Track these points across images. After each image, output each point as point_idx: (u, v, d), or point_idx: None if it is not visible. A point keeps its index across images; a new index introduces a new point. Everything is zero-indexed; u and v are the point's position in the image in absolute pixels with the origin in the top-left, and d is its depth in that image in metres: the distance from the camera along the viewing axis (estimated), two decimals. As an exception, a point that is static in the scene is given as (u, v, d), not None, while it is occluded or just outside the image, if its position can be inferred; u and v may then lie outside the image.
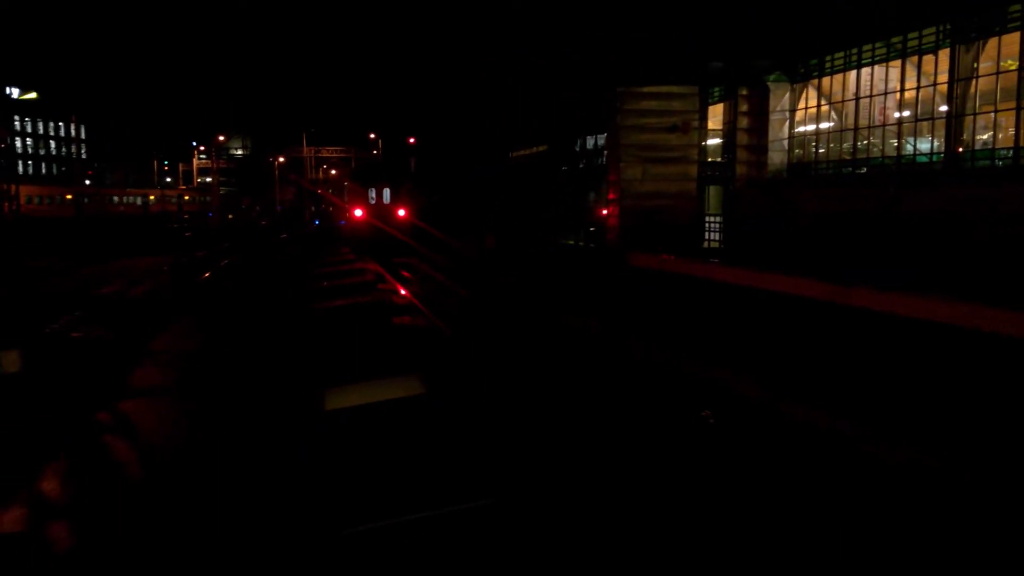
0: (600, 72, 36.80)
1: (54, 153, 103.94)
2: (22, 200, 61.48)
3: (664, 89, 34.94)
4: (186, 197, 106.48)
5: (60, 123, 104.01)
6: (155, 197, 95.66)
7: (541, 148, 50.13)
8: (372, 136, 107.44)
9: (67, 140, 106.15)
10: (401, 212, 48.76)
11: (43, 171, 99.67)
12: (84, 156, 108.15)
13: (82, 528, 7.67)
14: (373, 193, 49.83)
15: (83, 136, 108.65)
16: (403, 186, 51.26)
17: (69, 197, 71.89)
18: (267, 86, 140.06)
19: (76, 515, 7.99)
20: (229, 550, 7.06)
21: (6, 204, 57.69)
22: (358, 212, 49.51)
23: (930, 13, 25.25)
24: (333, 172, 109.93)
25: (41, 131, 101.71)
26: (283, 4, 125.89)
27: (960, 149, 25.06)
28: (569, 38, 40.98)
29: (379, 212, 48.28)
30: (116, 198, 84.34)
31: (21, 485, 8.58)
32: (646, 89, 34.93)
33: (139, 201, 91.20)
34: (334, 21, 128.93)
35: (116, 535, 7.44)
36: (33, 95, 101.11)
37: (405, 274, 32.30)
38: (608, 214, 37.46)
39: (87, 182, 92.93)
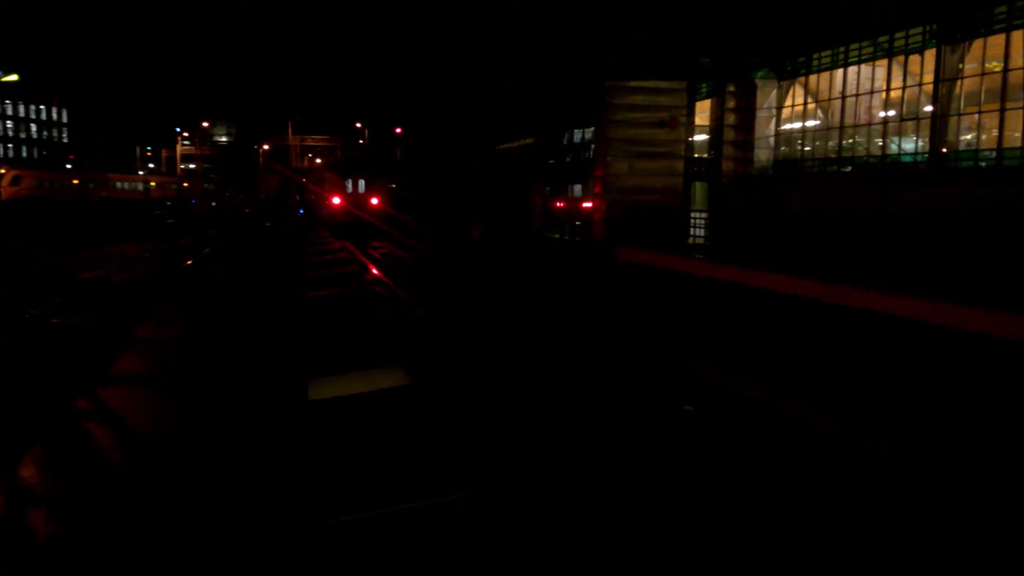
0: (589, 66, 36.79)
1: (35, 137, 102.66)
2: (32, 183, 63.42)
3: (652, 84, 34.98)
4: (185, 184, 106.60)
5: (42, 106, 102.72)
6: (156, 183, 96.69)
7: (527, 141, 50.09)
8: (358, 125, 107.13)
9: (48, 124, 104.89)
10: (374, 200, 53.56)
11: (23, 154, 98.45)
12: (65, 140, 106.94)
13: (61, 515, 7.61)
14: (350, 183, 54.74)
15: (65, 120, 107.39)
16: (378, 177, 56.08)
17: (76, 182, 73.94)
18: (253, 74, 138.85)
19: (55, 502, 7.92)
20: (210, 537, 7.03)
21: None
22: (336, 200, 54.27)
23: (917, 13, 25.41)
24: (318, 161, 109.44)
25: (22, 114, 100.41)
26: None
27: (944, 149, 25.27)
28: (558, 33, 40.94)
29: (355, 200, 53.12)
30: (120, 184, 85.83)
31: (-1, 471, 8.50)
32: (634, 84, 34.96)
33: (141, 187, 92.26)
34: (323, 11, 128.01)
35: (95, 522, 7.39)
36: (14, 77, 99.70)
37: (381, 258, 32.30)
38: (594, 207, 37.54)
39: (68, 166, 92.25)
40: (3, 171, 61.53)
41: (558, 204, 45.71)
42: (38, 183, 64.99)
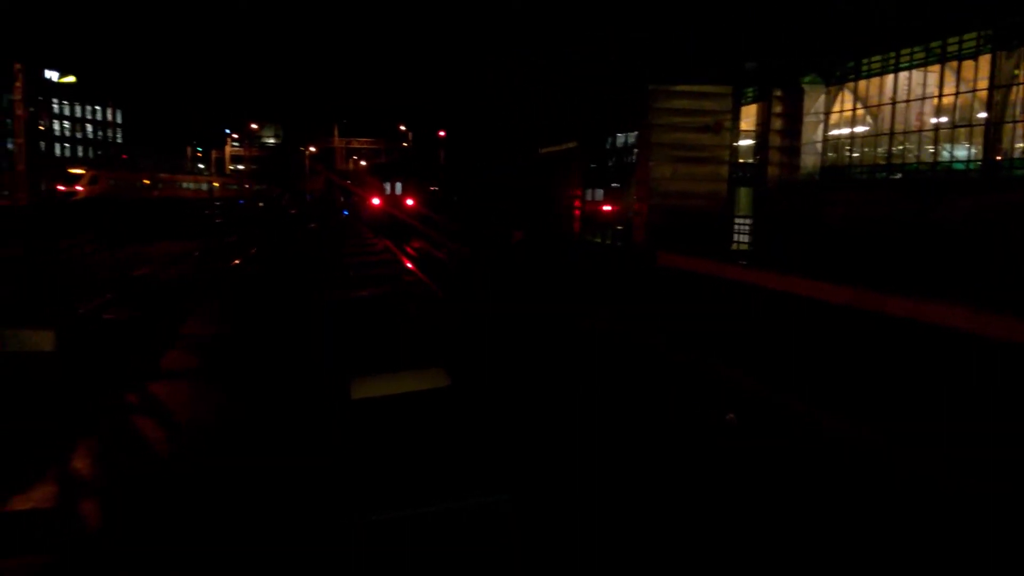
0: (633, 69, 36.67)
1: (90, 137, 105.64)
2: (108, 183, 69.88)
3: (697, 88, 34.74)
4: (246, 185, 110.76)
5: (97, 107, 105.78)
6: (219, 184, 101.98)
7: (571, 145, 50.05)
8: (402, 128, 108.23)
9: (103, 124, 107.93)
10: (409, 202, 61.29)
11: (79, 154, 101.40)
12: (120, 140, 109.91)
13: (110, 504, 7.85)
14: (389, 185, 64.81)
15: (119, 120, 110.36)
16: (413, 179, 65.19)
17: (146, 182, 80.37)
18: (301, 76, 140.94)
19: (105, 491, 8.17)
20: (248, 532, 7.19)
21: (46, 185, 62.67)
22: (375, 201, 62.39)
23: (971, 18, 24.82)
24: (363, 163, 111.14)
25: (78, 114, 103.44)
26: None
27: (998, 157, 24.63)
28: (602, 36, 40.85)
29: (393, 201, 61.52)
30: (186, 184, 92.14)
31: (52, 461, 8.79)
32: (679, 88, 34.76)
33: (205, 187, 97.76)
34: (369, 21, 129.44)
35: (142, 513, 7.61)
36: (71, 79, 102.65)
37: (419, 257, 32.62)
38: (636, 212, 37.38)
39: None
40: (83, 171, 67.52)
41: (599, 208, 45.63)
42: (113, 182, 70.59)
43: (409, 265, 29.69)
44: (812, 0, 29.96)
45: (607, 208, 44.48)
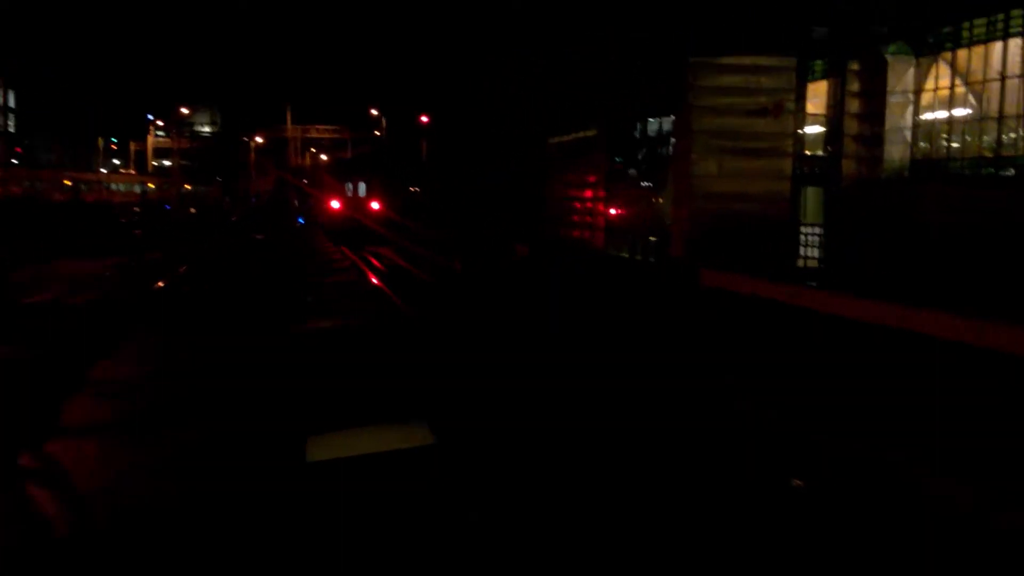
0: (670, 39, 36.85)
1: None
2: (20, 184, 74.03)
3: (750, 61, 34.80)
4: (187, 187, 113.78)
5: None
6: (155, 186, 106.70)
7: (589, 133, 50.23)
8: (374, 113, 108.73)
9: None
10: (375, 205, 64.82)
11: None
12: (12, 129, 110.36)
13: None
14: (354, 186, 66.92)
15: (11, 104, 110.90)
16: (386, 178, 68.38)
17: (68, 183, 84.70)
18: (245, 50, 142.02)
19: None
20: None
21: None
22: (335, 204, 66.17)
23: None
24: (324, 157, 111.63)
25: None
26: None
27: None
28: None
29: (359, 205, 64.74)
30: (114, 186, 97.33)
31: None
32: (726, 61, 34.82)
33: (138, 189, 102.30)
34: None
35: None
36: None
37: (385, 271, 32.64)
38: (673, 218, 37.41)
39: (13, 160, 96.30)
40: None
41: (625, 214, 45.66)
42: (28, 183, 74.50)
43: (375, 281, 29.90)
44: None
45: (635, 214, 44.51)
